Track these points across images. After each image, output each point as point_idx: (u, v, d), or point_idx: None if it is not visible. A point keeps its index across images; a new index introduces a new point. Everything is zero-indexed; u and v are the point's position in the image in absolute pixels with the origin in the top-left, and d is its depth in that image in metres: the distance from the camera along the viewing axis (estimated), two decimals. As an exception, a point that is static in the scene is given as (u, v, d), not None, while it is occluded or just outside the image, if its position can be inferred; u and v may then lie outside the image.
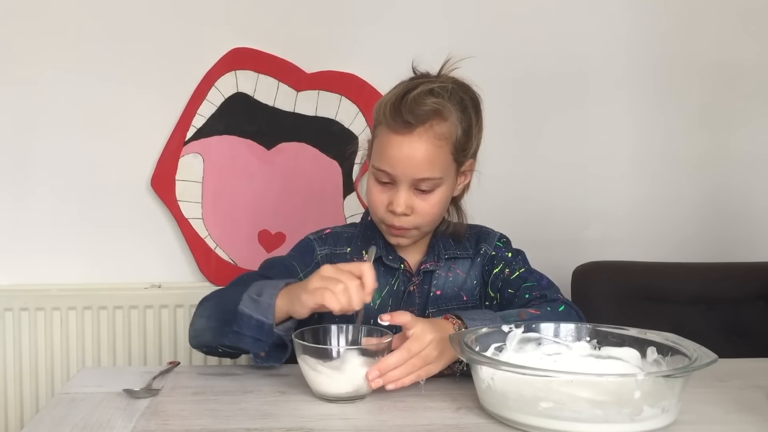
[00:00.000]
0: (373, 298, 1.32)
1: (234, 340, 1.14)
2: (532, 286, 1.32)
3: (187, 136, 1.97)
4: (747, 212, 2.09)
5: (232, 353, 1.22)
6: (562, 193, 2.06)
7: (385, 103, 1.25)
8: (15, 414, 1.95)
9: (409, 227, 1.28)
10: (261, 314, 1.11)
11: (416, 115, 1.21)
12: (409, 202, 1.26)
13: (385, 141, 1.25)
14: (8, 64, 1.94)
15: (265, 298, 1.12)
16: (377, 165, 1.27)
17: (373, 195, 1.29)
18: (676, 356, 1.05)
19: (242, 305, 1.13)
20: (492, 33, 2.01)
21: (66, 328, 1.95)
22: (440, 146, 1.24)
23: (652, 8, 2.04)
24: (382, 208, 1.28)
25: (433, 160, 1.24)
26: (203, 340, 1.23)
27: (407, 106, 1.21)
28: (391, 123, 1.23)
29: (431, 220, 1.30)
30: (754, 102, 2.07)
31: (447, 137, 1.25)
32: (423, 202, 1.27)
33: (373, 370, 1.05)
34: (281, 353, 1.15)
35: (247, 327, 1.12)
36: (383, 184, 1.28)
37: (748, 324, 1.74)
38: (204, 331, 1.22)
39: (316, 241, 1.38)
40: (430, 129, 1.23)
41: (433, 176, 1.25)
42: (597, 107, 2.05)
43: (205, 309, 1.24)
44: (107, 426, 0.99)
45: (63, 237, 1.98)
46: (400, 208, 1.25)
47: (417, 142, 1.23)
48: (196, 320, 1.24)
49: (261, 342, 1.13)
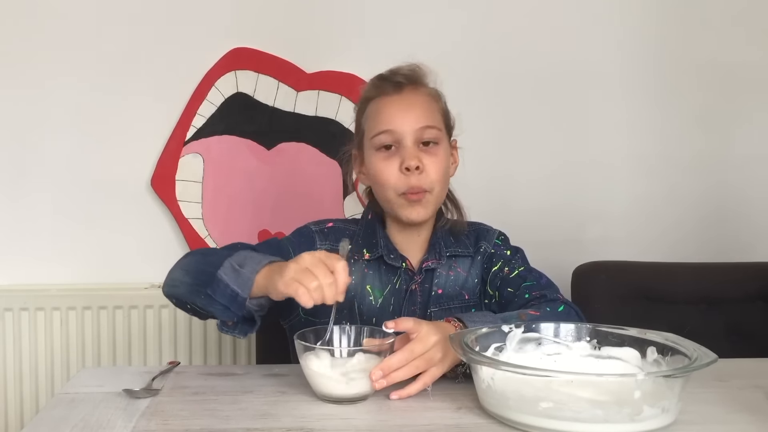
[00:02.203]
0: (375, 297, 1.33)
1: (205, 303, 1.12)
2: (532, 285, 1.32)
3: (187, 136, 1.97)
4: (746, 212, 2.09)
5: (200, 313, 1.19)
6: (562, 193, 2.06)
7: (369, 82, 1.35)
8: (15, 414, 1.95)
9: (425, 187, 1.28)
10: (238, 286, 1.09)
11: (402, 75, 1.31)
12: (419, 155, 1.28)
13: (380, 106, 1.31)
14: (8, 65, 1.94)
15: (246, 271, 1.09)
16: (378, 130, 1.29)
17: (380, 167, 1.30)
18: (676, 356, 1.05)
19: (221, 271, 1.10)
20: (492, 33, 2.01)
21: (66, 328, 1.95)
22: (432, 102, 1.32)
23: (650, 8, 2.04)
24: (394, 175, 1.28)
25: (429, 112, 1.30)
26: (176, 292, 1.21)
27: (391, 72, 1.32)
28: (382, 88, 1.31)
29: (440, 179, 1.31)
30: (752, 101, 2.08)
31: (435, 97, 1.34)
32: (430, 157, 1.29)
33: (376, 371, 1.05)
34: (249, 327, 1.14)
35: (221, 294, 1.10)
36: (387, 150, 1.29)
37: (748, 324, 1.74)
38: (180, 284, 1.20)
39: (318, 233, 1.37)
40: (418, 88, 1.32)
41: (433, 124, 1.29)
42: (596, 107, 2.06)
43: (186, 263, 1.22)
44: (107, 426, 0.99)
45: (63, 237, 1.98)
46: (413, 161, 1.26)
47: (410, 98, 1.31)
48: (176, 271, 1.22)
49: (230, 311, 1.11)
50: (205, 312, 1.16)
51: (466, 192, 1.42)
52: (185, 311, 1.23)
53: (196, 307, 1.17)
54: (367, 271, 1.35)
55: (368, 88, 1.34)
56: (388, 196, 1.31)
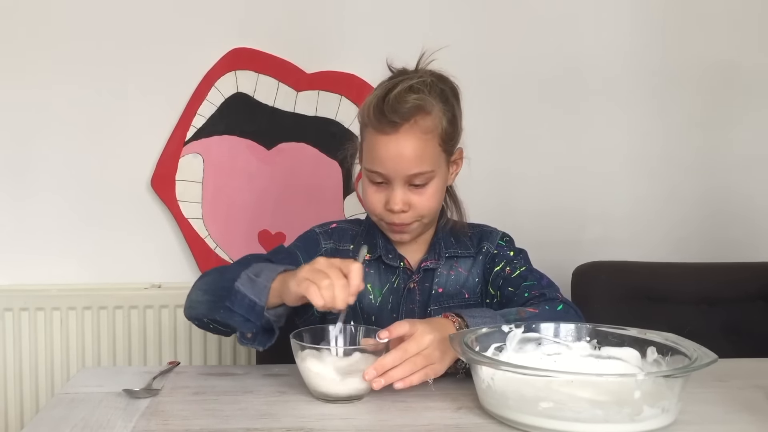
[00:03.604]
0: (374, 296, 1.34)
1: (225, 316, 1.14)
2: (532, 285, 1.33)
3: (187, 136, 1.97)
4: (746, 212, 2.09)
5: (223, 330, 1.21)
6: (562, 193, 2.06)
7: (368, 106, 1.26)
8: (15, 414, 1.95)
9: (410, 221, 1.30)
10: (255, 294, 1.11)
11: (400, 114, 1.22)
12: (406, 198, 1.27)
13: (374, 143, 1.26)
14: (8, 65, 1.94)
15: (262, 280, 1.12)
16: (369, 167, 1.29)
17: (369, 196, 1.31)
18: (676, 356, 1.05)
19: (239, 282, 1.13)
20: (493, 33, 2.01)
21: (66, 328, 1.95)
22: (427, 140, 1.26)
23: (650, 8, 2.04)
24: (380, 207, 1.29)
25: (423, 155, 1.25)
26: (196, 313, 1.23)
27: (390, 106, 1.22)
28: (377, 124, 1.25)
29: (430, 212, 1.31)
30: (752, 101, 2.08)
31: (433, 130, 1.26)
32: (419, 197, 1.28)
33: (369, 370, 1.05)
34: (268, 338, 1.15)
35: (239, 305, 1.12)
36: (378, 184, 1.29)
37: (748, 324, 1.74)
38: (199, 304, 1.22)
39: (322, 234, 1.39)
40: (415, 125, 1.24)
41: (424, 170, 1.26)
42: (596, 107, 2.05)
43: (203, 282, 1.25)
44: (107, 426, 0.99)
45: (63, 237, 1.98)
46: (398, 206, 1.27)
47: (404, 140, 1.24)
48: (193, 292, 1.24)
49: (250, 323, 1.12)
50: (226, 326, 1.18)
51: (466, 192, 1.42)
52: (208, 331, 1.25)
53: (218, 324, 1.19)
54: (367, 270, 1.35)
55: (367, 112, 1.26)
56: (373, 219, 1.34)
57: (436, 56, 1.32)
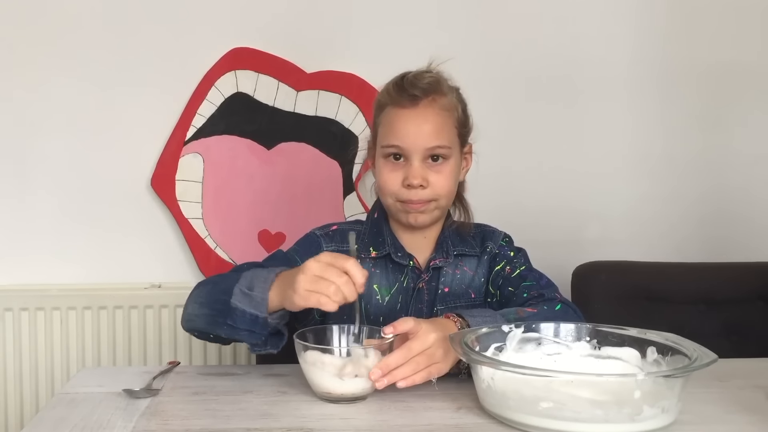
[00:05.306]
0: (382, 296, 1.33)
1: (229, 333, 1.14)
2: (531, 285, 1.33)
3: (187, 136, 1.97)
4: (746, 212, 2.09)
5: (223, 339, 1.21)
6: (562, 193, 2.06)
7: (387, 87, 1.33)
8: (15, 414, 1.95)
9: (427, 199, 1.30)
10: (254, 308, 1.11)
11: (420, 88, 1.29)
12: (424, 174, 1.29)
13: (393, 118, 1.30)
14: (9, 65, 1.94)
15: (257, 293, 1.11)
16: (388, 142, 1.30)
17: (385, 175, 1.32)
18: (676, 356, 1.05)
19: (234, 300, 1.12)
20: (493, 34, 2.01)
21: (66, 328, 1.95)
22: (445, 117, 1.30)
23: (650, 9, 2.04)
24: (397, 185, 1.30)
25: (441, 130, 1.29)
26: (195, 326, 1.22)
27: (409, 82, 1.29)
28: (397, 99, 1.30)
29: (446, 192, 1.32)
30: (752, 102, 2.08)
31: (450, 109, 1.32)
32: (437, 174, 1.30)
33: (375, 370, 1.05)
34: (278, 340, 1.15)
35: (241, 321, 1.12)
36: (395, 162, 1.30)
37: (748, 324, 1.74)
38: (197, 317, 1.21)
39: (323, 237, 1.38)
40: (433, 102, 1.29)
41: (442, 144, 1.29)
42: (596, 107, 2.06)
43: (199, 295, 1.23)
44: (107, 426, 0.99)
45: (63, 237, 1.98)
46: (417, 179, 1.28)
47: (424, 113, 1.29)
48: (190, 305, 1.23)
49: (256, 334, 1.12)
50: (232, 340, 1.19)
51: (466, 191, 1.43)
52: (209, 341, 1.25)
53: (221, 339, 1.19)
54: (374, 270, 1.35)
55: (386, 92, 1.33)
56: (387, 202, 1.34)
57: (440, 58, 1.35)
